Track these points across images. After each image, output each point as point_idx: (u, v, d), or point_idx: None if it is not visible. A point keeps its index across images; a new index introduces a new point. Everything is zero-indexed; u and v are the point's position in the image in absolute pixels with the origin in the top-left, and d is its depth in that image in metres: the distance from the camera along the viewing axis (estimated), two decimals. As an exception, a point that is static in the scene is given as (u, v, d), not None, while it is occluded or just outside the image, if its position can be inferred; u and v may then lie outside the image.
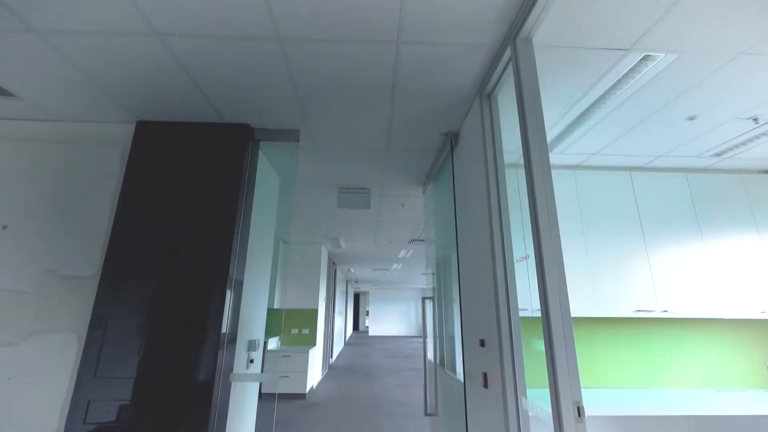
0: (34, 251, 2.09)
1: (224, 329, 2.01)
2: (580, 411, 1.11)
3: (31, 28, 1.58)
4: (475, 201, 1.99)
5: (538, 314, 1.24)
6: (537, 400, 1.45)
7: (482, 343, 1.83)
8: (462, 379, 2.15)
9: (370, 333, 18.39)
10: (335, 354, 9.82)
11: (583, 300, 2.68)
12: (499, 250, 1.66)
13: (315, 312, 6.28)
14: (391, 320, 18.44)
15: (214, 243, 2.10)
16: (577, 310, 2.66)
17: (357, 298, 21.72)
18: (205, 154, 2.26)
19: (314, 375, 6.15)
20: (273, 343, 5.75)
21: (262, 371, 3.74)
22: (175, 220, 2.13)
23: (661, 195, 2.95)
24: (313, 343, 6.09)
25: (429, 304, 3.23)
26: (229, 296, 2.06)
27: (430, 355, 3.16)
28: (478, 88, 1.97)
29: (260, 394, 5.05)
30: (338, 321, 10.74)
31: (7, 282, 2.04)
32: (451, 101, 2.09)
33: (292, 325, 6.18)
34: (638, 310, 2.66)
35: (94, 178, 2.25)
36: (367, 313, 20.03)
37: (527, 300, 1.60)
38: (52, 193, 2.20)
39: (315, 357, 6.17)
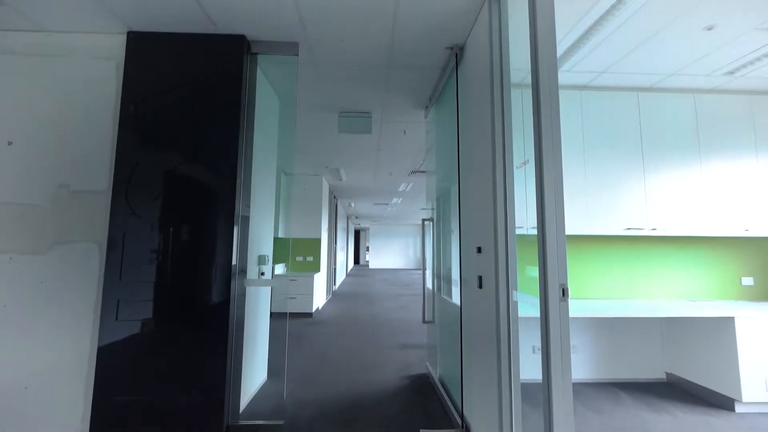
0: (44, 167, 2.13)
1: (235, 236, 2.14)
2: (564, 292, 1.24)
3: None
4: (479, 113, 1.99)
5: (534, 232, 1.30)
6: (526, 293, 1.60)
7: (479, 250, 1.96)
8: (459, 303, 2.34)
9: (371, 266, 19.25)
10: (338, 283, 10.40)
11: (578, 219, 2.80)
12: (500, 157, 1.70)
13: (318, 241, 6.55)
14: (391, 254, 19.21)
15: (220, 164, 2.13)
16: (571, 228, 2.79)
17: (357, 234, 22.33)
18: (201, 67, 2.18)
19: (319, 298, 6.60)
20: (280, 269, 6.09)
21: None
22: (176, 139, 2.14)
23: (665, 117, 2.92)
24: (318, 269, 6.44)
25: (429, 227, 3.38)
26: (237, 204, 2.16)
27: (428, 284, 3.35)
28: (487, -10, 1.85)
29: (271, 314, 5.47)
30: (340, 255, 11.20)
31: (23, 196, 2.11)
32: (458, 5, 1.98)
33: (297, 253, 6.49)
34: (628, 228, 2.79)
35: (93, 92, 2.20)
36: (367, 249, 20.75)
37: (523, 219, 1.68)
38: (53, 108, 2.17)
39: (319, 282, 6.56)
